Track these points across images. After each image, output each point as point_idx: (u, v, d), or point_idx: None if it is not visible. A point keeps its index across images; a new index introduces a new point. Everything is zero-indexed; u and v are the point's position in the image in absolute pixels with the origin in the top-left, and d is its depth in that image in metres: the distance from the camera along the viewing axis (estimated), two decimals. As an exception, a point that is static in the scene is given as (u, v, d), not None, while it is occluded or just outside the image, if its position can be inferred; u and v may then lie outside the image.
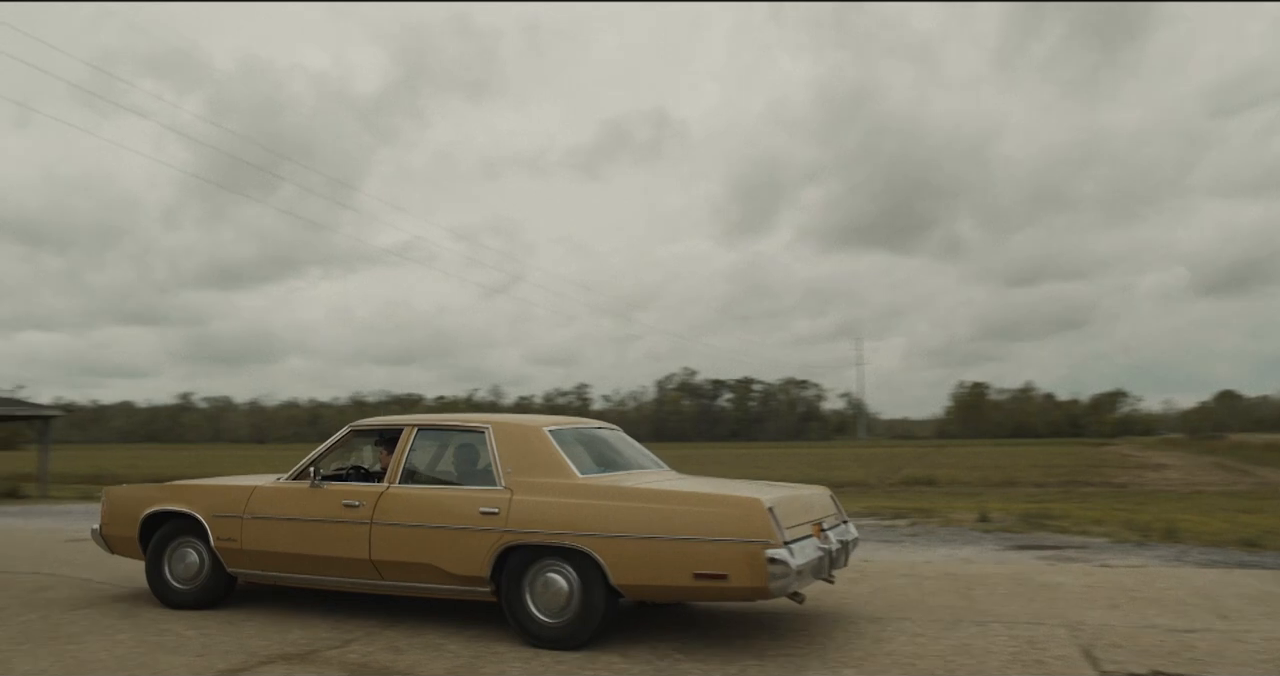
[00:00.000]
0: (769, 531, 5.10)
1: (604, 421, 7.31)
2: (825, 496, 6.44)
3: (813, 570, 5.44)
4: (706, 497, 5.45)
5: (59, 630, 6.08)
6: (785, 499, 5.54)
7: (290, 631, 6.04)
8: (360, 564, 6.16)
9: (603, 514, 5.47)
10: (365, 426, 6.86)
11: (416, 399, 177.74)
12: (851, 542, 6.25)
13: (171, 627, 6.14)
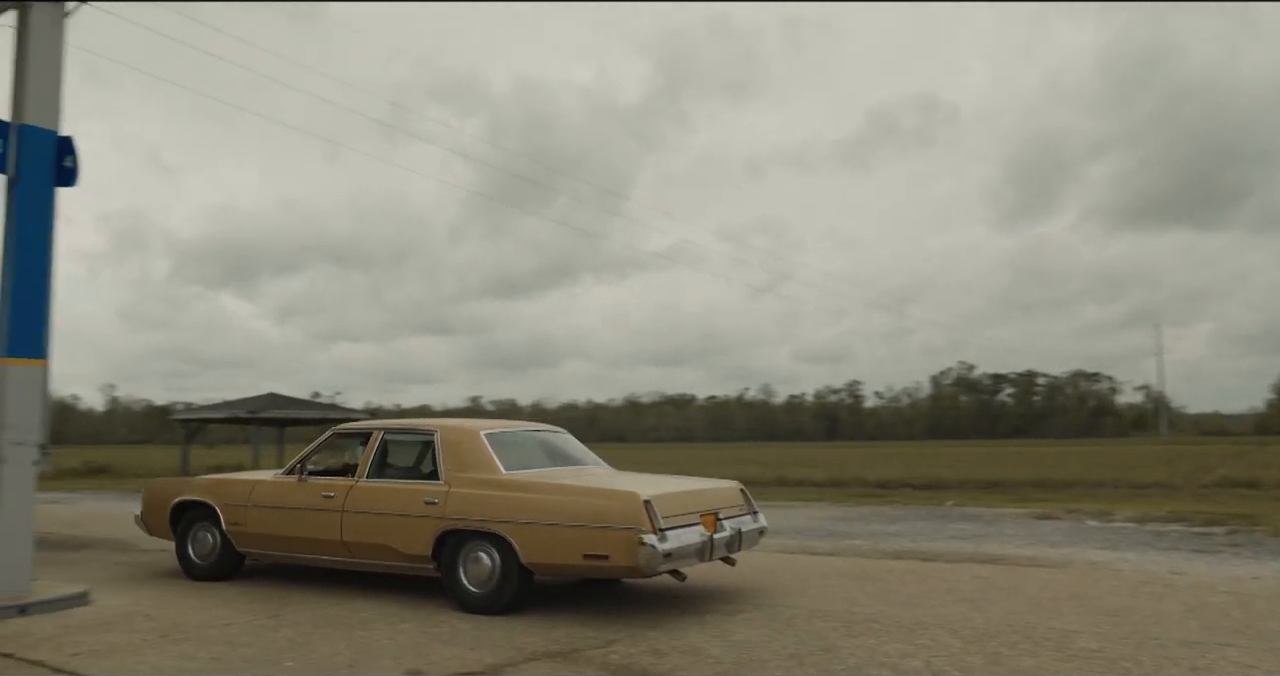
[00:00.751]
0: (642, 520, 6.08)
1: (551, 425, 8.67)
2: (734, 491, 7.45)
3: (696, 553, 6.44)
4: (595, 491, 6.52)
5: (353, 616, 6.54)
6: (669, 494, 6.51)
7: (557, 629, 6.14)
8: (335, 544, 7.37)
9: (516, 504, 6.59)
10: (344, 430, 8.16)
11: (689, 399, 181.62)
12: (753, 532, 7.21)
13: (449, 620, 6.43)
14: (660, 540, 6.09)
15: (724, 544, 6.76)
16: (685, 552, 6.33)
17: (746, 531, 7.08)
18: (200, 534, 8.24)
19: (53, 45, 7.26)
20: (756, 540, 7.37)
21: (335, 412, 26.29)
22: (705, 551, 6.55)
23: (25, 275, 7.06)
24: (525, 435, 7.95)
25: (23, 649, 5.55)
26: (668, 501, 6.39)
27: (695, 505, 6.73)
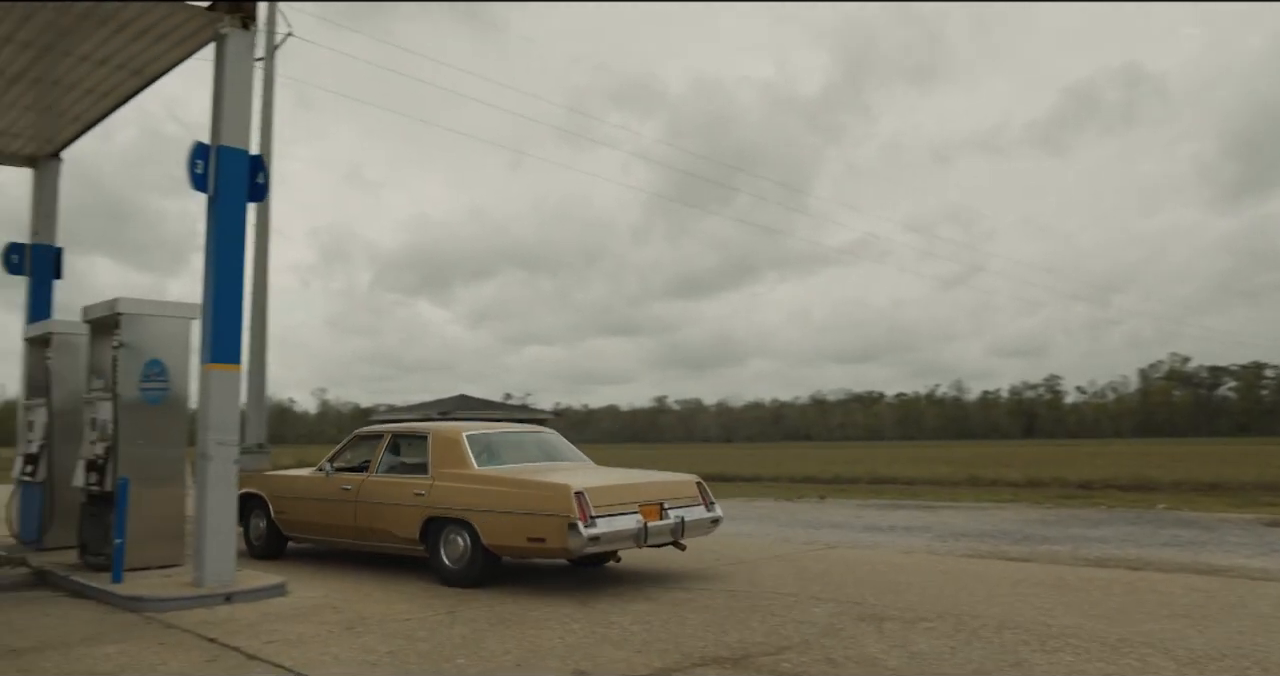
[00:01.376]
0: (570, 508, 7.04)
1: (541, 427, 9.87)
2: (688, 484, 8.36)
3: (631, 537, 7.37)
4: (537, 483, 7.51)
5: (526, 615, 6.60)
6: (603, 486, 7.46)
7: (728, 633, 5.97)
8: (351, 529, 8.64)
9: (480, 495, 7.71)
10: (364, 432, 9.57)
11: (877, 397, 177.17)
12: (703, 521, 8.09)
13: (619, 621, 6.38)
14: (588, 526, 7.07)
15: (668, 530, 7.70)
16: (617, 537, 7.33)
17: (693, 520, 7.95)
18: (254, 520, 9.76)
19: (244, 71, 7.73)
20: (707, 529, 8.31)
21: (521, 413, 27.12)
22: (641, 536, 7.46)
23: (224, 286, 7.54)
24: (505, 436, 9.08)
25: (225, 634, 5.90)
26: (601, 493, 7.38)
27: (634, 496, 7.69)
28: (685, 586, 7.72)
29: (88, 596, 7.30)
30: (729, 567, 8.85)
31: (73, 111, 10.01)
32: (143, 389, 8.25)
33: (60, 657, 5.34)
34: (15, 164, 11.36)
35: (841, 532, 12.75)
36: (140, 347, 8.25)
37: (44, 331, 9.81)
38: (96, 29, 8.01)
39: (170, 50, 8.44)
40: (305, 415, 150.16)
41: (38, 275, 11.11)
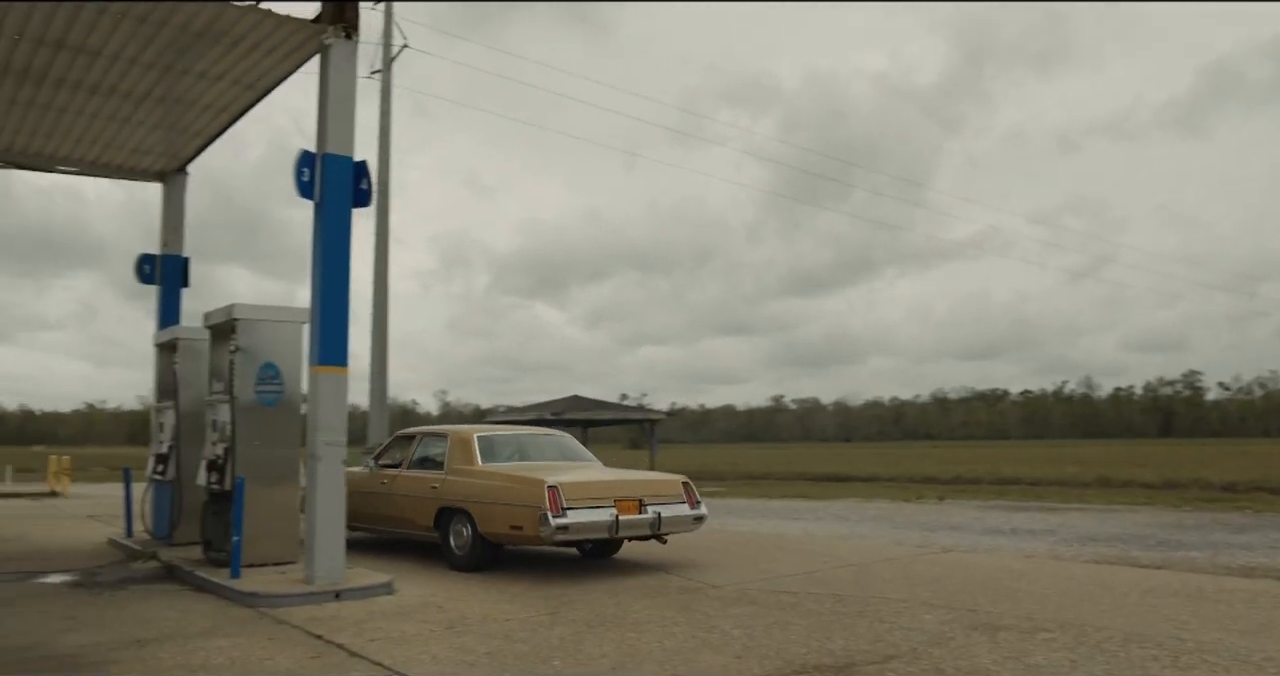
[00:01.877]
0: (543, 501, 7.77)
1: (554, 430, 10.97)
2: (673, 483, 9.01)
3: (605, 528, 8.05)
4: (520, 479, 8.36)
5: (626, 617, 6.53)
6: (578, 482, 8.25)
7: (832, 639, 5.76)
8: (386, 518, 9.40)
9: (477, 489, 8.61)
10: (402, 433, 10.54)
11: (1001, 394, 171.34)
12: (684, 517, 8.68)
13: (721, 625, 6.23)
14: (558, 517, 7.77)
15: (644, 524, 8.33)
16: (588, 528, 8.03)
17: (672, 516, 8.55)
18: None
19: (347, 80, 7.88)
20: (689, 525, 8.88)
21: (633, 413, 27.20)
22: (613, 528, 8.13)
23: (330, 290, 7.72)
24: (514, 437, 10.14)
25: (331, 631, 6.02)
26: (575, 488, 8.10)
27: (610, 492, 8.37)
28: (790, 590, 7.52)
29: (209, 591, 7.59)
30: (837, 571, 8.60)
31: (194, 127, 10.46)
32: (258, 391, 8.54)
33: (177, 649, 5.53)
34: (146, 179, 11.96)
35: (959, 535, 12.28)
36: (255, 352, 8.54)
37: (171, 337, 10.28)
38: (210, 47, 8.33)
39: (280, 63, 8.71)
40: (428, 416, 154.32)
41: (167, 284, 11.67)
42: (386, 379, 44.02)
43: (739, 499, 22.17)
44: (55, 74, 8.91)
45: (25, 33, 8.07)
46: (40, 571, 8.70)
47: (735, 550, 10.29)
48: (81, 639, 5.80)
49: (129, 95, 9.46)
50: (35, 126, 10.34)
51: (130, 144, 10.92)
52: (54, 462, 21.98)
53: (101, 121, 10.17)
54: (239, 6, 7.61)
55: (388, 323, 38.82)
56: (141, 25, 7.91)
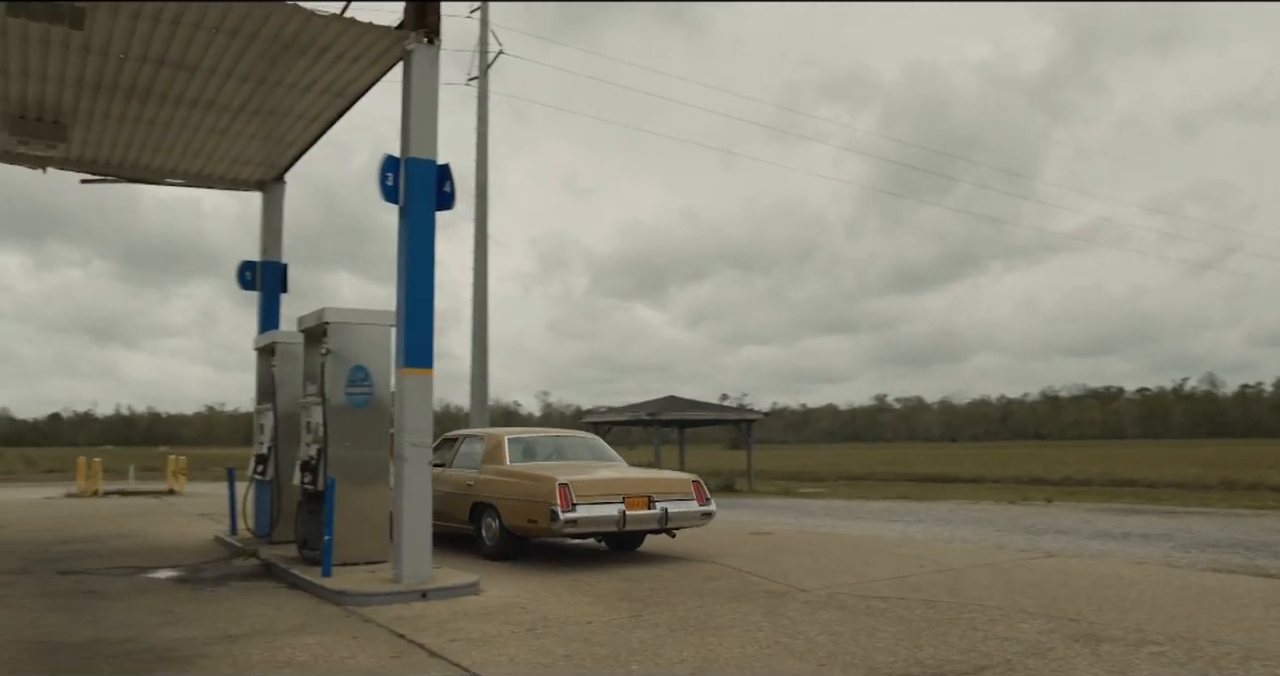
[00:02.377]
0: (553, 497, 8.45)
1: (585, 433, 11.78)
2: (683, 482, 9.53)
3: (613, 522, 8.69)
4: (536, 477, 9.02)
5: (710, 621, 6.40)
6: (588, 480, 8.89)
7: (921, 648, 5.53)
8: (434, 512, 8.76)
9: (504, 486, 9.37)
10: (448, 435, 11.21)
11: (1116, 392, 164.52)
12: (692, 513, 9.26)
13: (806, 631, 6.05)
14: (568, 512, 8.49)
15: (652, 519, 9.02)
16: (597, 522, 8.72)
17: (679, 512, 9.20)
18: None
19: (430, 84, 7.95)
20: (697, 520, 9.47)
21: (729, 414, 26.97)
22: (620, 522, 8.78)
23: (415, 293, 7.80)
24: (543, 439, 10.87)
25: (413, 631, 6.06)
26: (585, 486, 8.80)
27: (620, 490, 9.00)
28: (881, 595, 7.27)
29: (302, 588, 7.76)
30: (932, 575, 8.29)
31: (288, 137, 10.76)
32: (348, 393, 8.71)
33: (265, 645, 5.65)
34: (246, 188, 12.37)
35: (1066, 539, 11.74)
36: (345, 354, 8.71)
37: (269, 341, 10.59)
38: (298, 57, 8.53)
39: (366, 70, 8.88)
40: (530, 417, 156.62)
41: (267, 289, 12.05)
42: (487, 380, 44.46)
43: (837, 500, 21.76)
44: (158, 90, 9.27)
45: (129, 52, 8.41)
46: (150, 567, 9.05)
47: (828, 553, 10.03)
48: (177, 633, 5.98)
49: (226, 108, 9.79)
50: (144, 142, 10.80)
51: (230, 155, 11.30)
52: (171, 462, 22.99)
53: (203, 134, 10.55)
54: (324, 17, 7.76)
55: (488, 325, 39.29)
56: (234, 39, 8.16)
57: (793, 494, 24.29)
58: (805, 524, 14.40)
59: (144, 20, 7.76)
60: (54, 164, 11.23)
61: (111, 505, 17.94)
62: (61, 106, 9.68)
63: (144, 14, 7.66)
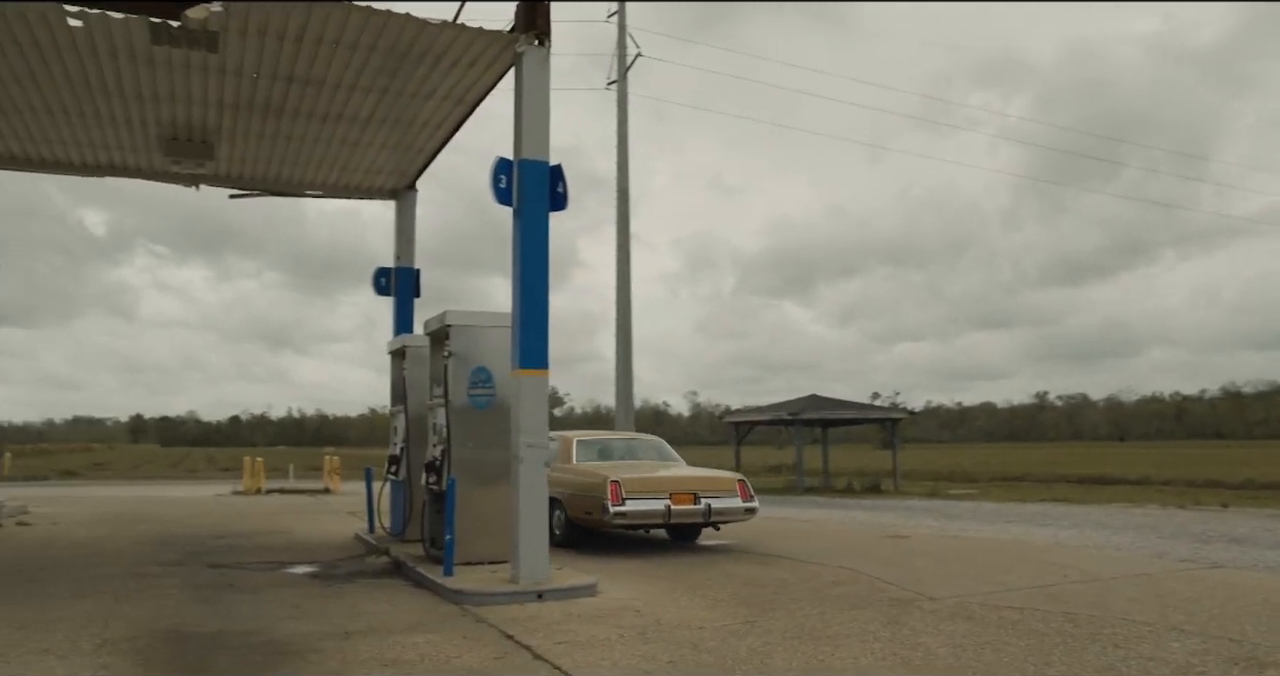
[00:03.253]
0: (605, 492, 9.67)
1: (649, 436, 12.76)
2: (729, 480, 10.47)
3: (660, 515, 9.87)
4: (592, 474, 10.14)
5: (827, 629, 6.13)
6: (637, 478, 10.03)
7: (1052, 666, 5.12)
8: None
9: (567, 482, 10.47)
10: None
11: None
12: (735, 509, 10.25)
13: (928, 642, 5.71)
14: (617, 505, 9.65)
15: (697, 513, 10.06)
16: (644, 515, 9.86)
17: (722, 507, 10.19)
18: None
19: (541, 85, 7.96)
20: (740, 515, 10.41)
21: (872, 413, 26.22)
22: (666, 515, 9.91)
23: (529, 294, 7.82)
24: (609, 441, 12.14)
25: (523, 632, 6.05)
26: (634, 483, 9.91)
27: (667, 487, 10.11)
28: (1016, 606, 6.81)
29: (425, 587, 7.91)
30: (1076, 585, 7.73)
31: (416, 145, 11.05)
32: (471, 395, 8.84)
33: (377, 642, 5.75)
34: (380, 197, 12.80)
35: (1239, 549, 10.77)
36: (467, 356, 8.85)
37: (400, 345, 10.90)
38: (416, 66, 8.71)
39: (482, 75, 8.99)
40: (679, 417, 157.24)
41: (401, 295, 12.42)
42: (631, 380, 44.95)
43: (987, 502, 20.78)
44: (290, 105, 9.67)
45: (261, 70, 8.80)
46: (290, 562, 9.44)
47: (965, 559, 9.53)
48: (298, 627, 6.17)
49: (355, 120, 10.12)
50: (283, 156, 11.31)
51: (363, 165, 11.70)
52: (327, 463, 24.15)
53: (336, 146, 10.96)
54: (437, 24, 7.89)
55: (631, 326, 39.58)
56: (355, 52, 8.40)
57: (940, 495, 23.37)
58: (948, 527, 13.77)
59: (270, 38, 8.09)
60: (205, 181, 11.92)
61: (270, 502, 18.97)
62: (207, 126, 10.24)
63: (270, 33, 7.98)
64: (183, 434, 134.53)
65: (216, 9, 7.45)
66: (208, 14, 7.43)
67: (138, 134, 10.42)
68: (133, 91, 9.24)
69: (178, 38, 8.01)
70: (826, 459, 28.25)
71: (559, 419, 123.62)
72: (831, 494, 24.48)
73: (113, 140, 10.61)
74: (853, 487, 25.68)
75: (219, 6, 7.40)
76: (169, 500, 20.05)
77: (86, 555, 10.01)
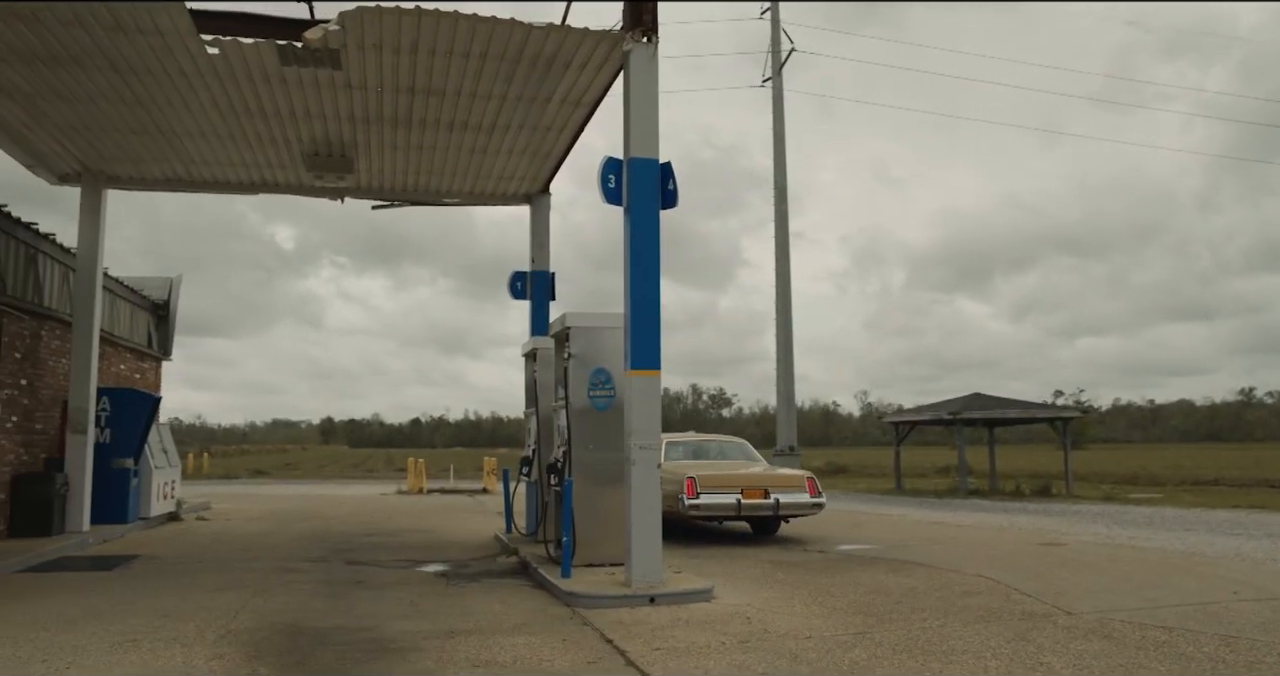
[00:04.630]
0: (683, 487, 10.86)
1: (734, 437, 14.28)
2: (798, 478, 11.58)
3: (731, 509, 10.99)
4: (675, 471, 11.24)
5: (943, 643, 5.74)
6: (711, 475, 11.28)
7: (1192, 692, 4.58)
8: None
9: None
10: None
11: None
12: (802, 504, 11.33)
13: (1052, 661, 5.25)
14: (692, 499, 10.76)
15: (766, 507, 11.06)
16: (717, 509, 10.93)
17: (789, 502, 11.15)
18: None
19: (649, 82, 7.86)
20: (808, 509, 11.45)
21: (1039, 411, 24.74)
22: (737, 509, 10.92)
23: (640, 294, 7.73)
24: (694, 442, 13.45)
25: (624, 637, 5.96)
26: (709, 479, 11.03)
27: (739, 483, 11.15)
28: (1165, 625, 6.19)
29: (544, 587, 7.95)
30: (1245, 604, 6.96)
31: (543, 149, 11.18)
32: (591, 396, 8.84)
33: (477, 643, 5.78)
34: (516, 203, 13.05)
35: None
36: (587, 358, 8.86)
37: (531, 348, 11.05)
38: (529, 71, 8.80)
39: (595, 76, 9.00)
40: (849, 417, 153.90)
41: (536, 298, 12.59)
42: (793, 380, 44.35)
43: (1171, 508, 19.20)
44: (416, 116, 9.98)
45: (384, 84, 9.11)
46: (425, 561, 9.73)
47: (1122, 570, 8.80)
48: (408, 625, 6.30)
49: (479, 127, 10.34)
50: (417, 166, 11.70)
51: (495, 172, 11.96)
52: (486, 463, 24.91)
53: (465, 154, 11.24)
54: (542, 28, 7.94)
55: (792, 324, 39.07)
56: (468, 61, 8.57)
57: (1117, 500, 21.78)
58: (1115, 535, 12.76)
59: (387, 53, 8.36)
60: (349, 194, 12.48)
61: (427, 502, 19.72)
62: (344, 141, 10.70)
63: (385, 47, 8.25)
64: (368, 435, 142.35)
65: (333, 28, 7.75)
66: (323, 33, 7.73)
67: (283, 151, 11.01)
68: (272, 111, 9.76)
69: (304, 58, 8.38)
70: (993, 460, 26.87)
71: (726, 420, 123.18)
72: (998, 497, 23.26)
73: (261, 159, 11.26)
74: (1021, 490, 24.33)
75: (335, 25, 7.69)
76: (337, 498, 21.19)
77: (244, 549, 10.65)
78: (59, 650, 5.61)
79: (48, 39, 8.08)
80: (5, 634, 6.06)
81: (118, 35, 7.98)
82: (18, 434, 11.30)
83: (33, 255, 11.61)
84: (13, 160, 11.22)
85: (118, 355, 15.29)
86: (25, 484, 11.01)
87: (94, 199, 11.93)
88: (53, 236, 12.16)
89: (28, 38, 8.05)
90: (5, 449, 10.98)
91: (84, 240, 11.90)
